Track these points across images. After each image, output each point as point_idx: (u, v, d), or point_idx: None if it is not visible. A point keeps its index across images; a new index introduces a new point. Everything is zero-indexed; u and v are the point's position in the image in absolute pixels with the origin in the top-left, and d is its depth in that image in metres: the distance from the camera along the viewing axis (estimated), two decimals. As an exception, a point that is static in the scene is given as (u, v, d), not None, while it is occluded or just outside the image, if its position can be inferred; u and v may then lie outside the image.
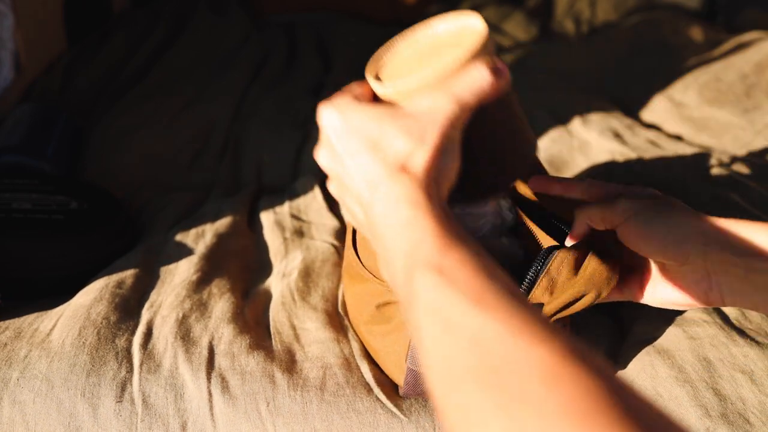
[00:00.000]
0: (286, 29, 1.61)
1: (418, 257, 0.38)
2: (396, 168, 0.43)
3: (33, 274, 0.71)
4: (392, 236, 0.41)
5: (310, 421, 0.55)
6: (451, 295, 0.35)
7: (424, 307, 0.36)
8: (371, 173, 0.43)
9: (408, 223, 0.40)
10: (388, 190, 0.42)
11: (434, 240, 0.38)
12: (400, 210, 0.41)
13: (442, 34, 0.50)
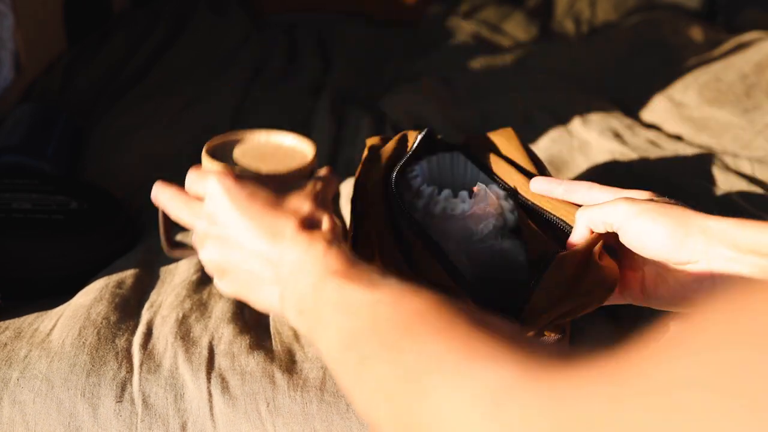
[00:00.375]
0: (286, 29, 1.61)
1: (327, 271, 0.43)
2: (299, 224, 0.47)
3: (33, 274, 0.71)
4: (305, 277, 0.44)
5: (310, 422, 0.55)
6: (352, 287, 0.41)
7: (331, 304, 0.41)
8: (277, 235, 0.47)
9: (318, 256, 0.44)
10: (296, 240, 0.46)
11: (339, 259, 0.44)
12: (312, 250, 0.45)
13: (284, 144, 0.61)
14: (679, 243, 0.49)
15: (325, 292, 0.42)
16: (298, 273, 0.45)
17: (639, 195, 0.55)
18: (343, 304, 0.41)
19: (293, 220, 0.47)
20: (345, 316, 0.40)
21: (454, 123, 1.11)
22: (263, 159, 0.58)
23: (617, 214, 0.52)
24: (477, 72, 1.37)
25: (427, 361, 0.34)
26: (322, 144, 1.05)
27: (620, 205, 0.52)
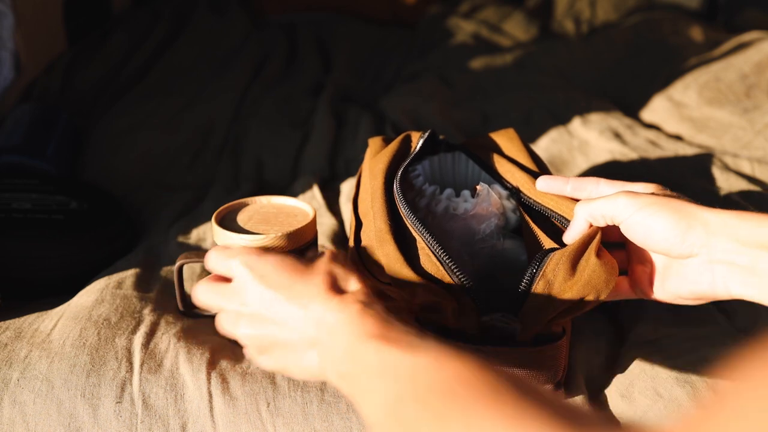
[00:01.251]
0: (286, 29, 1.61)
1: (365, 335, 0.43)
2: (329, 287, 0.47)
3: (33, 274, 0.71)
4: (343, 339, 0.44)
5: (310, 422, 0.55)
6: (392, 350, 0.41)
7: (372, 368, 0.41)
8: (309, 300, 0.47)
9: (354, 319, 0.44)
10: (328, 303, 0.46)
11: (377, 323, 0.44)
12: (348, 311, 0.45)
13: (284, 207, 0.65)
14: (680, 236, 0.49)
15: (364, 355, 0.42)
16: (335, 335, 0.45)
17: (645, 189, 0.55)
18: (382, 368, 0.40)
19: (323, 283, 0.47)
20: (385, 381, 0.40)
21: (454, 123, 1.11)
22: (267, 221, 0.61)
23: (617, 207, 0.52)
24: (477, 72, 1.37)
25: (477, 430, 0.33)
26: (322, 144, 1.05)
27: (620, 198, 0.52)
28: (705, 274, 0.50)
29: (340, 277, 0.49)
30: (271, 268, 0.49)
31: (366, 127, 1.08)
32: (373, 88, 1.36)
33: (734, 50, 1.27)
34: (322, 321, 0.46)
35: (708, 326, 0.62)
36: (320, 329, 0.46)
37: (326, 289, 0.47)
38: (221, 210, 0.63)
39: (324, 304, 0.46)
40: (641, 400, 0.55)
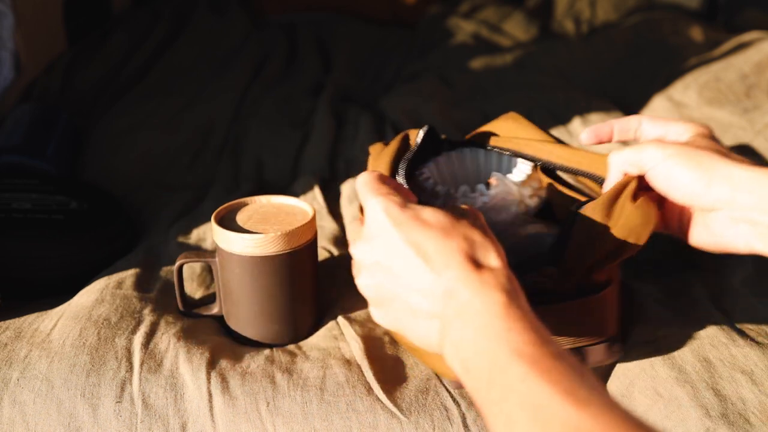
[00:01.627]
0: (286, 29, 1.61)
1: (510, 347, 0.37)
2: (466, 258, 0.43)
3: (33, 274, 0.71)
4: (476, 326, 0.40)
5: (310, 421, 0.55)
6: (545, 386, 0.35)
7: (516, 397, 0.36)
8: (442, 265, 0.43)
9: (497, 313, 0.40)
10: (466, 277, 0.42)
11: (525, 332, 0.38)
12: (488, 298, 0.40)
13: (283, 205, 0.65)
14: (702, 189, 0.49)
15: (506, 373, 0.37)
16: (466, 319, 0.41)
17: (686, 130, 0.55)
18: (532, 407, 0.35)
19: (460, 250, 0.43)
20: (529, 420, 0.34)
21: (454, 123, 1.11)
22: (266, 221, 0.61)
23: (644, 157, 0.52)
24: (477, 72, 1.37)
25: None
26: (322, 144, 1.05)
27: (648, 148, 0.52)
28: (729, 228, 0.50)
29: (479, 246, 0.44)
30: (409, 220, 0.45)
31: (366, 127, 1.08)
32: (373, 88, 1.36)
33: (734, 50, 1.27)
34: (454, 294, 0.42)
35: (708, 326, 0.62)
36: (449, 303, 0.42)
37: (464, 257, 0.42)
38: (221, 210, 0.63)
39: (459, 275, 0.42)
40: (641, 399, 0.56)
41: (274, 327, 0.62)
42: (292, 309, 0.62)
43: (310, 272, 0.63)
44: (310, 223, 0.61)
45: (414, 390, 0.57)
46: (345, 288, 0.71)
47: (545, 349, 0.37)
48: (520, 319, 0.39)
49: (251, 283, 0.60)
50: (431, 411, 0.55)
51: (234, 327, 0.63)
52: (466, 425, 0.54)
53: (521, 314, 0.40)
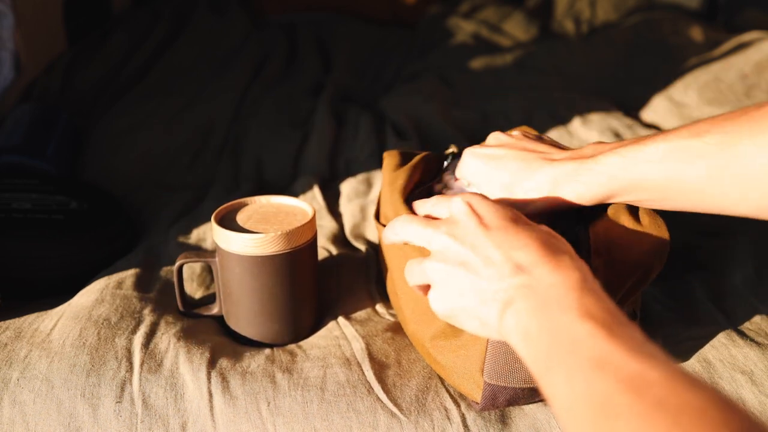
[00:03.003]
0: (286, 29, 1.61)
1: (580, 311, 0.39)
2: (542, 245, 0.44)
3: (33, 274, 0.71)
4: (546, 296, 0.41)
5: (310, 421, 0.55)
6: (611, 342, 0.36)
7: (580, 352, 0.37)
8: (515, 247, 0.45)
9: (571, 286, 0.41)
10: (540, 259, 0.43)
11: (596, 301, 0.40)
12: (562, 275, 0.42)
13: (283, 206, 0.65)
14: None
15: (573, 333, 0.38)
16: (535, 289, 0.42)
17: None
18: (597, 360, 0.36)
19: (537, 239, 0.45)
20: (598, 377, 0.35)
21: (454, 123, 1.11)
22: (266, 220, 0.62)
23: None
24: (477, 72, 1.37)
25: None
26: (322, 144, 1.05)
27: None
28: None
29: (557, 239, 0.46)
30: (489, 211, 0.48)
31: (366, 127, 1.08)
32: (373, 88, 1.36)
33: (734, 50, 1.27)
34: (524, 269, 0.43)
35: (708, 326, 0.62)
36: (516, 277, 0.43)
37: (540, 243, 0.44)
38: (221, 209, 0.63)
39: (532, 256, 0.43)
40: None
41: (274, 327, 0.62)
42: (293, 309, 0.62)
43: (310, 272, 0.63)
44: (309, 223, 0.61)
45: (414, 390, 0.57)
46: (345, 287, 0.71)
47: (613, 315, 0.38)
48: (593, 291, 0.40)
49: (251, 282, 0.60)
50: (431, 411, 0.55)
51: (234, 327, 0.63)
52: (466, 425, 0.54)
53: (595, 287, 0.41)
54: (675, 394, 0.32)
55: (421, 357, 0.60)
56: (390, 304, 0.68)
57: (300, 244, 0.60)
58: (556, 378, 0.37)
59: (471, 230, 0.47)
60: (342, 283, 0.71)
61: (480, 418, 0.55)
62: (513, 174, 0.57)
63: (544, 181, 0.55)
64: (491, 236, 0.46)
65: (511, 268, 0.44)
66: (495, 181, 0.58)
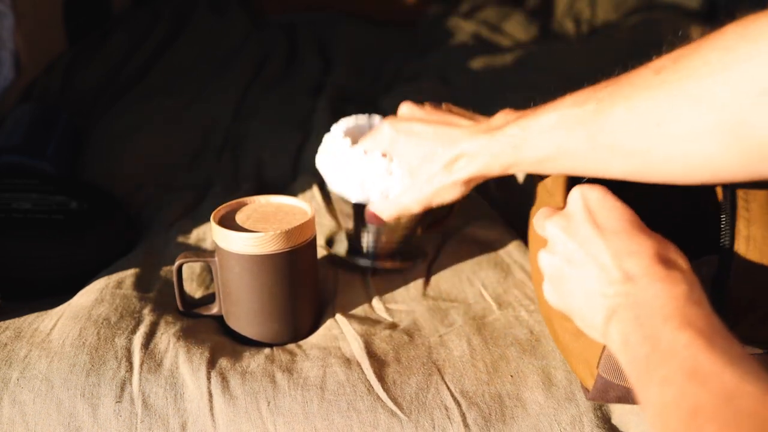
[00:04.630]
0: (286, 29, 1.61)
1: (680, 321, 0.39)
2: (656, 254, 0.44)
3: (33, 274, 0.71)
4: (649, 306, 0.41)
5: (310, 420, 0.55)
6: (708, 353, 0.36)
7: (677, 361, 0.37)
8: (627, 254, 0.44)
9: (675, 296, 0.41)
10: (651, 268, 0.43)
11: (699, 312, 0.39)
12: (669, 287, 0.41)
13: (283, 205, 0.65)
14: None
15: (671, 341, 0.38)
16: (640, 299, 0.42)
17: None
18: (690, 367, 0.36)
19: (650, 247, 0.44)
20: (691, 385, 0.35)
21: (454, 123, 1.11)
22: (266, 220, 0.62)
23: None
24: (477, 72, 1.37)
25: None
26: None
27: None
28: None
29: (670, 249, 0.45)
30: (605, 209, 0.47)
31: (366, 127, 1.08)
32: (373, 88, 1.36)
33: (734, 50, 1.27)
34: (633, 278, 0.43)
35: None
36: (624, 285, 0.43)
37: (652, 252, 0.44)
38: (220, 209, 0.63)
39: (642, 264, 0.43)
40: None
41: (273, 326, 0.62)
42: (292, 308, 0.62)
43: (310, 271, 0.63)
44: (309, 222, 0.61)
45: (414, 388, 0.57)
46: (344, 286, 0.71)
47: (715, 328, 0.38)
48: (697, 302, 0.40)
49: (251, 282, 0.60)
50: (431, 410, 0.55)
51: (234, 326, 0.63)
52: (467, 424, 0.54)
53: (698, 300, 0.40)
54: (767, 408, 0.32)
55: (420, 354, 0.60)
56: (388, 300, 0.68)
57: (299, 243, 0.60)
58: (651, 385, 0.37)
59: (582, 227, 0.47)
60: (339, 279, 0.71)
61: (480, 418, 0.55)
62: (430, 149, 0.61)
63: (459, 154, 0.60)
64: (604, 238, 0.46)
65: (621, 275, 0.44)
66: (413, 155, 0.63)
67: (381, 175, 0.65)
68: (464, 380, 0.57)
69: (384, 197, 0.66)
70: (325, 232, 0.79)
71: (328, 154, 0.68)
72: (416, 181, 0.63)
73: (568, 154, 0.52)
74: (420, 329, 0.64)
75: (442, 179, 0.61)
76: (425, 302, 0.68)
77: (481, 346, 0.61)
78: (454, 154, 0.60)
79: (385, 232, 0.69)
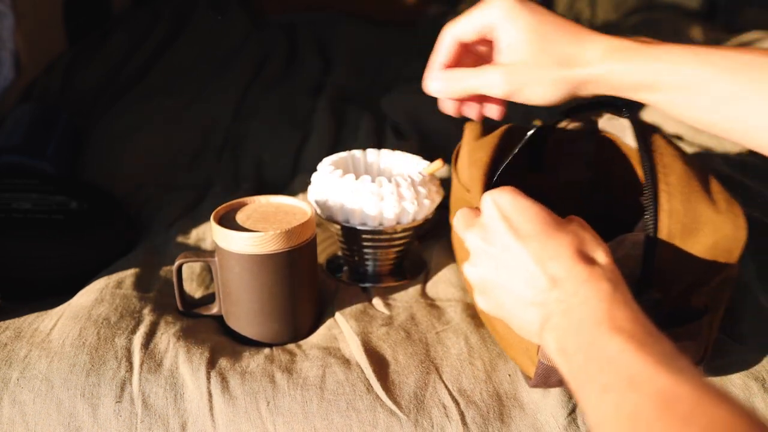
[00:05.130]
0: (286, 29, 1.61)
1: (610, 325, 0.39)
2: (577, 252, 0.44)
3: (33, 274, 0.71)
4: (579, 312, 0.41)
5: (310, 420, 0.55)
6: (642, 357, 0.36)
7: (613, 368, 0.37)
8: (549, 257, 0.44)
9: (602, 298, 0.41)
10: (573, 269, 0.43)
11: (626, 313, 0.40)
12: (594, 287, 0.42)
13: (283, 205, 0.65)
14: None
15: (604, 347, 0.38)
16: (569, 305, 0.42)
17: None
18: (625, 373, 0.36)
19: (569, 244, 0.45)
20: (626, 390, 0.35)
21: (454, 123, 1.11)
22: (266, 219, 0.62)
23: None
24: (477, 72, 1.37)
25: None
26: (322, 144, 1.05)
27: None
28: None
29: (588, 243, 0.45)
30: (519, 213, 0.47)
31: (366, 127, 1.08)
32: (373, 88, 1.36)
33: (734, 50, 1.27)
34: (559, 283, 0.43)
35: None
36: (552, 291, 0.43)
37: (572, 251, 0.44)
38: (220, 209, 0.63)
39: (565, 266, 0.43)
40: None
41: (273, 326, 0.62)
42: (292, 308, 0.62)
43: (310, 271, 0.63)
44: (309, 222, 0.61)
45: (413, 387, 0.57)
46: (344, 286, 0.71)
47: (643, 328, 0.39)
48: (622, 302, 0.40)
49: (251, 281, 0.60)
50: (430, 409, 0.55)
51: (233, 326, 0.63)
52: (465, 423, 0.54)
53: (623, 299, 0.41)
54: (703, 410, 0.32)
55: (418, 351, 0.60)
56: (387, 299, 0.68)
57: (299, 243, 0.60)
58: (591, 393, 0.38)
59: (501, 236, 0.47)
60: (340, 282, 0.71)
61: (479, 416, 0.55)
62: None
63: (597, 56, 0.49)
64: (524, 244, 0.45)
65: (547, 281, 0.44)
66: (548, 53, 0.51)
67: (373, 200, 0.66)
68: (462, 379, 0.58)
69: (378, 221, 0.67)
70: (324, 258, 0.78)
71: (319, 188, 0.69)
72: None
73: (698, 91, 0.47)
74: (417, 324, 0.64)
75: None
76: (423, 300, 0.68)
77: (479, 344, 0.61)
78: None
79: (383, 251, 0.70)
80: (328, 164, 0.71)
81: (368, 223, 0.67)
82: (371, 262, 0.71)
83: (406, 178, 0.68)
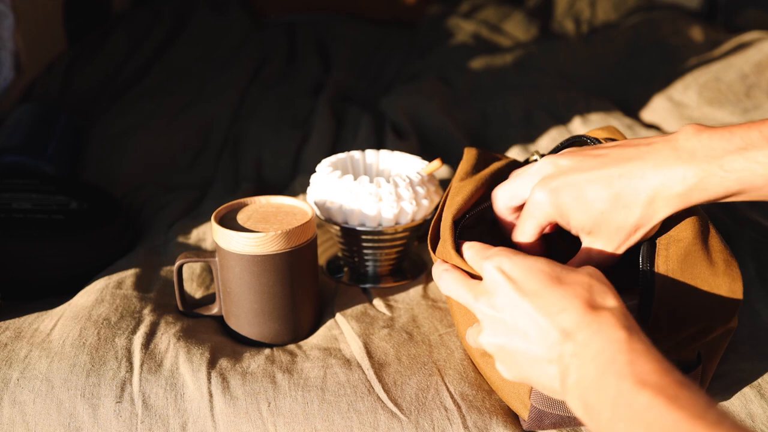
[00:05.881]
0: (286, 29, 1.61)
1: (634, 378, 0.37)
2: (584, 303, 0.43)
3: (33, 274, 0.71)
4: (597, 364, 0.40)
5: (311, 421, 0.55)
6: (673, 412, 0.35)
7: (643, 426, 0.36)
8: (557, 310, 0.43)
9: (619, 349, 0.40)
10: (583, 319, 0.42)
11: (648, 362, 0.38)
12: (608, 336, 0.41)
13: (283, 206, 0.65)
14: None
15: (632, 405, 0.37)
16: (585, 357, 0.41)
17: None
18: (659, 429, 0.35)
19: (578, 296, 0.43)
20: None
21: (455, 123, 1.11)
22: (266, 220, 0.62)
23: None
24: (477, 72, 1.37)
25: None
26: (322, 144, 1.05)
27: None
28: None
29: (596, 290, 0.44)
30: (523, 272, 0.46)
31: (366, 127, 1.08)
32: (373, 88, 1.36)
33: (734, 50, 1.27)
34: (571, 336, 0.42)
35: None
36: (565, 345, 0.42)
37: (580, 301, 0.43)
38: (220, 209, 0.63)
39: (574, 317, 0.42)
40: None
41: (274, 326, 0.62)
42: (292, 308, 0.62)
43: (310, 271, 0.63)
44: (309, 223, 0.61)
45: (414, 388, 0.57)
46: (344, 287, 0.71)
47: (670, 378, 0.37)
48: (642, 351, 0.39)
49: (251, 282, 0.60)
50: (431, 411, 0.55)
51: (234, 327, 0.63)
52: (466, 426, 0.54)
53: (643, 347, 0.39)
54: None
55: (420, 353, 0.60)
56: (388, 300, 0.68)
57: (299, 244, 0.60)
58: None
59: (509, 299, 0.46)
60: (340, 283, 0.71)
61: (481, 421, 0.55)
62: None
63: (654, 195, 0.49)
64: (532, 302, 0.44)
65: (558, 334, 0.43)
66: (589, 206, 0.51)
67: (372, 201, 0.66)
68: (464, 383, 0.58)
69: (377, 222, 0.67)
70: (324, 259, 0.78)
71: (318, 189, 0.69)
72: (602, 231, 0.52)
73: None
74: (419, 326, 0.64)
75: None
76: (425, 302, 0.68)
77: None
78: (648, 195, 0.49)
79: (382, 252, 0.70)
80: (327, 165, 0.72)
81: (367, 223, 0.67)
82: (371, 263, 0.71)
83: (404, 178, 0.68)
